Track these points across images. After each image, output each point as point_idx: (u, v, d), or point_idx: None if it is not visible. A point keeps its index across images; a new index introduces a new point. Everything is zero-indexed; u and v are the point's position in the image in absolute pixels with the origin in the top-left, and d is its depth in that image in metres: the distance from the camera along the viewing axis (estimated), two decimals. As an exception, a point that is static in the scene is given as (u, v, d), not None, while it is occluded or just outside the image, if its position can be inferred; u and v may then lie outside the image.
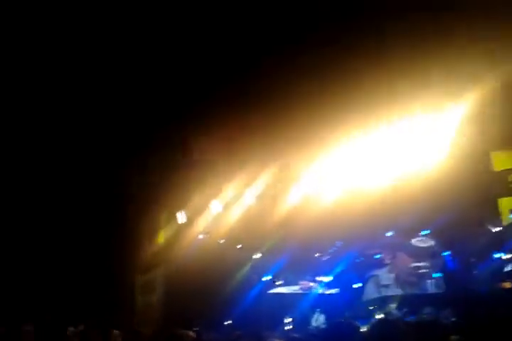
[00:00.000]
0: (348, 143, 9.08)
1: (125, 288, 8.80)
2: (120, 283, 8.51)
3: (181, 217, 10.42)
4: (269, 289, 13.20)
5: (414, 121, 7.95)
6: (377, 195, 9.39)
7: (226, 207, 10.36)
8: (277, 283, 13.64)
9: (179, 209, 10.31)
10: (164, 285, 9.69)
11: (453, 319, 8.92)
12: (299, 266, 13.39)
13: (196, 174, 9.05)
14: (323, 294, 13.06)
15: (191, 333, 3.54)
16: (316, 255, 13.75)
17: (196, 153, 8.59)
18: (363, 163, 9.28)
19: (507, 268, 9.51)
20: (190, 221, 10.44)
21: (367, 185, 9.31)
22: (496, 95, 6.73)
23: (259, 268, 12.57)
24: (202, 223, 10.56)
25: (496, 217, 9.13)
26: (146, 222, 9.55)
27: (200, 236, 10.96)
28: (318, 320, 11.22)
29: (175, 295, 9.38)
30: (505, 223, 8.99)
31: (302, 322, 11.02)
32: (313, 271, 13.69)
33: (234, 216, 10.42)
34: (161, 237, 10.15)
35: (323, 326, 10.30)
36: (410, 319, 9.35)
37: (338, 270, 13.20)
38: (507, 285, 9.51)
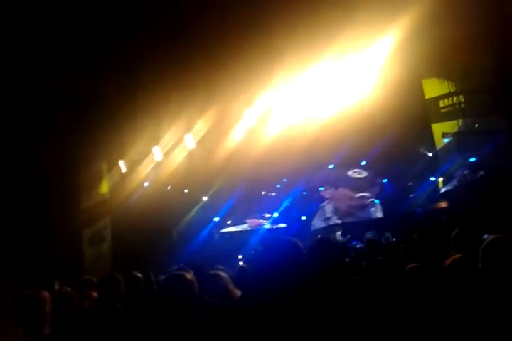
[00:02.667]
0: (286, 80, 9.03)
1: (71, 240, 8.68)
2: (65, 236, 8.37)
3: (123, 166, 10.19)
4: (220, 229, 13.52)
5: (345, 55, 7.96)
6: (315, 130, 9.53)
7: (168, 152, 10.19)
8: (227, 223, 13.98)
9: (120, 158, 10.05)
10: (113, 234, 9.64)
11: (392, 239, 9.55)
12: (247, 205, 13.71)
13: (135, 121, 8.74)
14: (271, 229, 13.56)
15: (139, 274, 3.55)
16: (263, 193, 14.12)
17: (134, 100, 8.22)
18: (300, 100, 9.31)
19: (442, 190, 10.11)
20: (132, 169, 10.25)
21: (305, 121, 9.40)
22: (424, 24, 6.77)
23: (208, 210, 12.74)
24: (145, 170, 10.39)
25: (429, 142, 9.55)
26: (86, 173, 9.26)
27: (145, 184, 10.83)
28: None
29: (125, 244, 9.38)
30: (438, 147, 9.43)
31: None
32: (261, 208, 14.11)
33: (177, 161, 10.30)
34: (105, 187, 9.94)
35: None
36: (354, 244, 9.92)
37: (284, 205, 13.66)
38: (442, 204, 10.19)
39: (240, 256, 10.70)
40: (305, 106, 9.55)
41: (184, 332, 2.11)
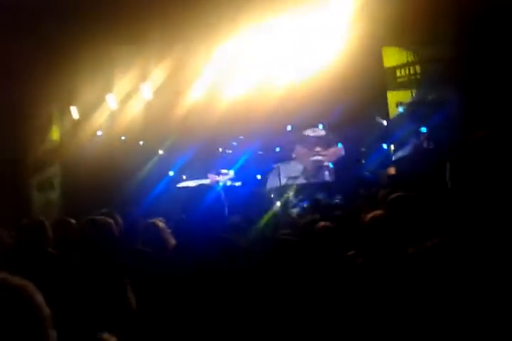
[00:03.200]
0: (248, 35, 8.90)
1: (20, 186, 8.53)
2: (12, 181, 8.20)
3: (75, 112, 9.90)
4: (176, 184, 13.54)
5: (305, 18, 7.90)
6: (276, 92, 9.53)
7: (124, 102, 9.96)
8: (184, 177, 13.99)
9: (72, 103, 9.75)
10: (63, 182, 9.52)
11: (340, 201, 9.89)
12: (204, 161, 13.70)
13: (87, 64, 8.43)
14: (227, 186, 13.68)
15: (72, 220, 3.57)
16: (220, 149, 14.12)
17: (86, 41, 7.88)
18: (261, 59, 9.24)
19: (393, 157, 10.43)
20: (85, 116, 9.99)
21: (267, 82, 9.39)
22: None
23: (164, 164, 12.68)
24: (99, 119, 10.16)
25: (384, 110, 9.73)
26: (36, 115, 8.95)
27: (99, 133, 10.62)
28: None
29: (75, 192, 9.30)
30: (392, 116, 9.63)
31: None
32: (218, 164, 14.14)
33: (133, 111, 10.11)
34: (55, 133, 9.69)
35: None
36: (303, 203, 10.21)
37: (240, 163, 13.74)
38: (391, 170, 10.55)
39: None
40: (267, 67, 9.50)
41: (105, 274, 2.19)
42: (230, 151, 13.89)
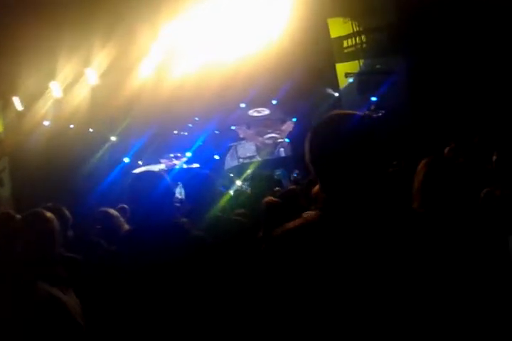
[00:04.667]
0: (192, 12, 8.68)
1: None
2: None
3: (18, 103, 9.46)
4: (132, 170, 13.29)
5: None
6: (226, 69, 9.39)
7: (68, 88, 9.57)
8: (139, 163, 13.74)
9: (14, 94, 9.29)
10: (12, 177, 9.16)
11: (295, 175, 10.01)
12: (160, 145, 13.49)
13: (27, 52, 8.00)
14: (186, 169, 13.57)
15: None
16: (175, 132, 13.92)
17: (24, 27, 7.45)
18: (208, 36, 9.06)
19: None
20: (29, 106, 9.56)
21: (214, 60, 9.22)
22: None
23: (118, 151, 12.39)
24: (44, 108, 9.75)
25: (334, 81, 9.78)
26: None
27: (46, 123, 10.22)
28: (181, 192, 11.73)
29: (26, 186, 8.97)
30: (342, 86, 9.70)
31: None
32: (174, 148, 13.97)
33: (79, 98, 9.74)
34: (-1, 126, 9.27)
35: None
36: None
37: (197, 145, 13.63)
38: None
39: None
40: (214, 44, 9.32)
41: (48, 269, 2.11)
42: (186, 133, 13.74)
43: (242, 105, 12.86)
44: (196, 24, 8.96)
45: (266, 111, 12.70)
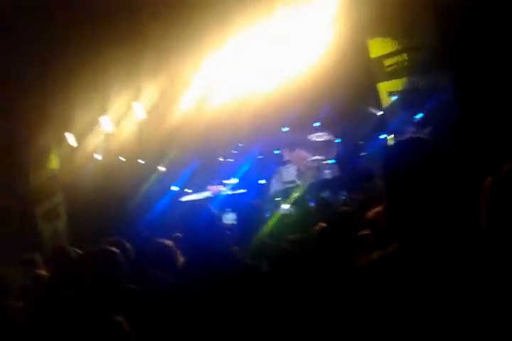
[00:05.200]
0: (231, 48, 8.94)
1: (25, 218, 8.52)
2: (18, 215, 8.20)
3: (71, 139, 9.89)
4: (180, 198, 13.51)
5: (288, 18, 7.92)
6: (266, 94, 9.54)
7: (118, 122, 9.96)
8: (187, 191, 13.97)
9: (67, 130, 9.74)
10: (68, 210, 9.50)
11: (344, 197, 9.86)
12: (206, 172, 13.70)
13: (81, 91, 8.43)
14: (231, 195, 13.66)
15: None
16: (220, 159, 14.11)
17: (74, 67, 7.87)
18: (247, 64, 9.26)
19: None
20: (81, 141, 9.98)
21: (254, 86, 9.39)
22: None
23: (166, 180, 12.67)
24: (95, 142, 10.15)
25: (376, 101, 9.69)
26: (33, 150, 8.95)
27: (98, 156, 10.61)
28: (228, 218, 11.79)
29: (81, 219, 9.27)
30: (385, 105, 9.59)
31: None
32: (220, 174, 14.14)
33: (128, 131, 10.10)
34: (54, 162, 9.67)
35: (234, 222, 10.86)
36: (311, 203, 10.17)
37: (242, 170, 13.73)
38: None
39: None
40: (254, 72, 9.51)
41: (113, 301, 2.15)
42: (232, 160, 13.90)
43: (285, 129, 12.92)
44: (237, 52, 9.18)
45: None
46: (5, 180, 7.98)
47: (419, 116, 9.05)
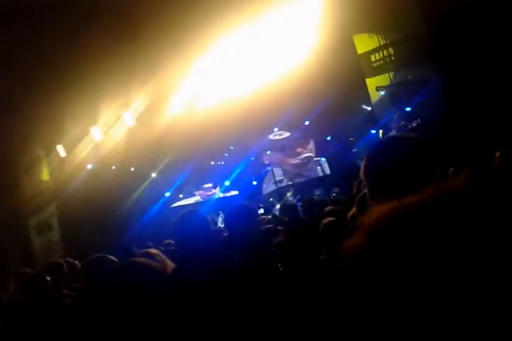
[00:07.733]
0: (218, 50, 8.87)
1: (17, 231, 8.40)
2: (10, 228, 8.08)
3: (61, 150, 9.77)
4: (172, 204, 13.41)
5: (273, 18, 7.88)
6: (257, 96, 9.46)
7: (107, 132, 9.85)
8: (180, 197, 13.88)
9: (57, 142, 9.62)
10: (61, 222, 9.37)
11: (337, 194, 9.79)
12: (199, 176, 13.61)
13: (70, 102, 8.34)
14: (224, 197, 13.59)
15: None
16: (212, 163, 14.03)
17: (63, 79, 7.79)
18: (234, 66, 9.20)
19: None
20: (71, 152, 9.86)
21: (242, 88, 9.31)
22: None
23: (159, 186, 12.57)
24: (85, 152, 10.04)
25: (365, 96, 9.67)
26: (24, 162, 8.81)
27: (89, 166, 10.50)
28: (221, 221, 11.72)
29: (74, 230, 9.14)
30: (374, 101, 9.57)
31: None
32: (212, 178, 14.05)
33: (117, 140, 9.99)
34: (45, 174, 9.55)
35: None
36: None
37: (235, 173, 13.66)
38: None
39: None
40: (242, 74, 9.43)
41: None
42: (223, 162, 13.84)
43: (276, 129, 12.89)
44: (224, 55, 9.09)
45: (286, 134, 12.70)
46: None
47: (407, 109, 9.03)
